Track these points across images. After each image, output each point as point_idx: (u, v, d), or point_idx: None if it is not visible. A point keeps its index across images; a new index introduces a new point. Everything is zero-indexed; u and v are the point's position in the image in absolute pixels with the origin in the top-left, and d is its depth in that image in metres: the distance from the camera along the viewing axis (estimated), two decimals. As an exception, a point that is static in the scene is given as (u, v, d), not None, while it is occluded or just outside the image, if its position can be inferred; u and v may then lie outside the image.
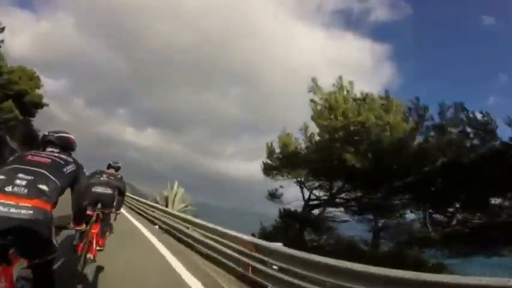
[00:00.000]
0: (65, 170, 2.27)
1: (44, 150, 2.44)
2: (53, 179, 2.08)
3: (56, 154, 2.38)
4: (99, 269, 4.56)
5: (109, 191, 5.14)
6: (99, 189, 5.05)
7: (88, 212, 4.63)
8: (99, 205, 4.99)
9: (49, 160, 2.23)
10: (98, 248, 4.86)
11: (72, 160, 2.44)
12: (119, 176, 5.61)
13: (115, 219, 5.65)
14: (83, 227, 3.12)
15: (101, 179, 5.25)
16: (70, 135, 2.69)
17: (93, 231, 4.65)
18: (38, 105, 34.92)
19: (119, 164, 5.86)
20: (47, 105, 36.54)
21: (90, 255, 4.50)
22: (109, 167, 5.72)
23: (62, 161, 2.32)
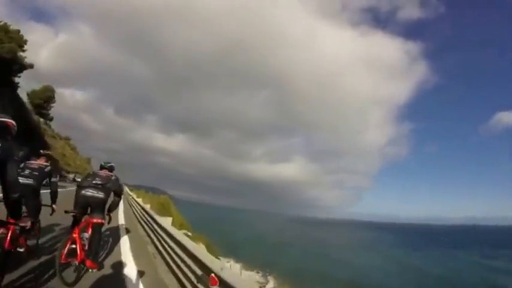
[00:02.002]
0: None
1: None
2: None
3: None
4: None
5: (100, 194, 4.85)
6: (89, 193, 4.79)
7: (72, 214, 4.75)
8: (88, 210, 4.88)
9: None
10: (88, 267, 4.61)
11: None
12: (113, 177, 5.30)
13: (109, 222, 5.35)
14: (26, 223, 2.78)
15: (93, 181, 4.94)
16: (6, 119, 2.49)
17: (74, 235, 4.34)
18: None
19: (112, 164, 5.56)
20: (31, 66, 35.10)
21: (75, 262, 4.30)
22: (101, 168, 5.42)
23: None
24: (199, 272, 3.85)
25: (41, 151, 5.48)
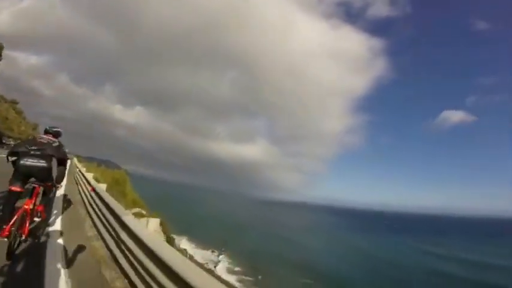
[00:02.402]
0: None
1: None
2: None
3: None
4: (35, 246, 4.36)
5: (42, 163, 4.28)
6: (28, 162, 4.19)
7: (13, 188, 4.08)
8: (32, 179, 4.41)
9: None
10: (36, 219, 4.51)
11: None
12: (55, 143, 4.64)
13: (54, 194, 5.15)
14: None
15: (31, 148, 4.31)
16: None
17: (26, 207, 4.03)
18: None
19: (58, 129, 4.93)
20: None
21: (21, 234, 4.00)
22: (46, 133, 4.84)
23: None
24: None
25: None
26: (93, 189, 7.51)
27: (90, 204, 7.45)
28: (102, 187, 8.13)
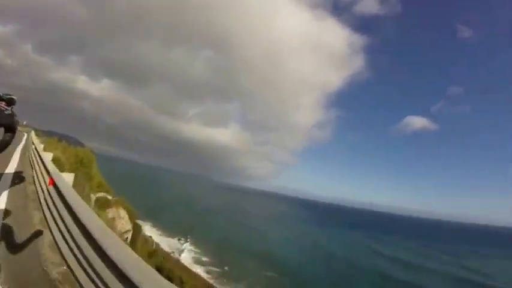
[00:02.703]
0: None
1: None
2: None
3: None
4: None
5: None
6: None
7: None
8: None
9: None
10: None
11: None
12: (7, 111, 4.28)
13: None
14: None
15: None
16: None
17: None
18: None
19: (13, 96, 4.47)
20: None
21: None
22: None
23: None
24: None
25: None
26: (52, 183, 4.64)
27: (49, 208, 4.54)
28: (67, 178, 5.18)
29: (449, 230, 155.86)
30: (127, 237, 16.62)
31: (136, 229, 19.91)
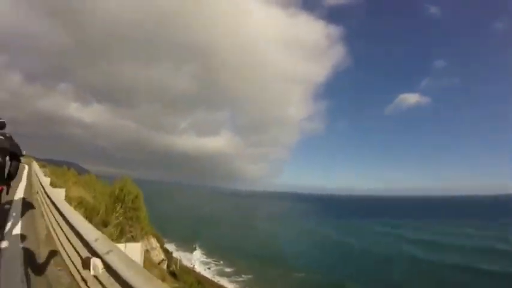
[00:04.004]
0: None
1: None
2: None
3: None
4: None
5: None
6: None
7: None
8: None
9: None
10: None
11: None
12: (7, 134, 4.03)
13: (7, 192, 4.00)
14: None
15: None
16: None
17: None
18: None
19: (2, 120, 4.12)
20: None
21: None
22: None
23: None
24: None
25: None
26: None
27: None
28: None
29: (461, 205, 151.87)
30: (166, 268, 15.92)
31: (169, 257, 19.52)
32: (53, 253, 4.33)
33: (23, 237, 4.96)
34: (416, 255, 37.82)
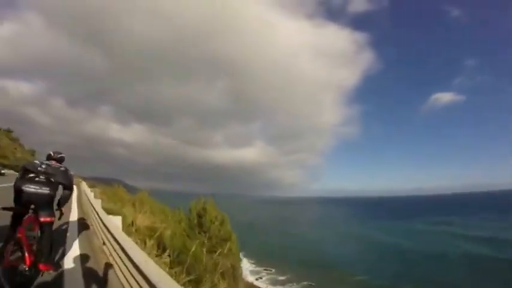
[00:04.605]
0: None
1: None
2: None
3: None
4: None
5: (45, 190, 3.99)
6: (31, 189, 3.90)
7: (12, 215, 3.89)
8: (32, 206, 4.03)
9: None
10: (42, 270, 3.84)
11: None
12: (62, 168, 4.40)
13: (59, 218, 4.50)
14: None
15: (36, 176, 4.03)
16: None
17: (19, 235, 3.61)
18: None
19: (63, 155, 4.67)
20: None
21: (23, 266, 3.46)
22: (49, 158, 4.52)
23: None
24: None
25: None
26: None
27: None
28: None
29: (503, 200, 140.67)
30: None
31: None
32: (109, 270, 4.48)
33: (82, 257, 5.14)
34: (478, 252, 35.87)
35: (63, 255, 5.21)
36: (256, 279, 29.30)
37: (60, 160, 4.56)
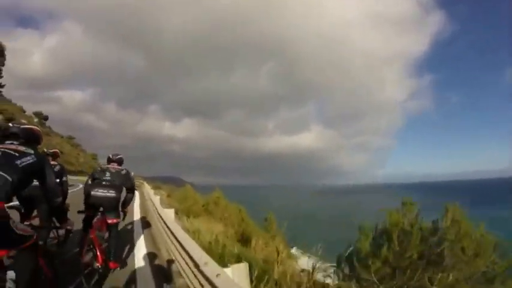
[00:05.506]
0: (18, 162, 2.06)
1: (2, 142, 2.24)
2: (1, 173, 1.92)
3: (11, 146, 2.18)
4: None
5: (112, 193, 4.49)
6: (99, 193, 4.44)
7: (84, 217, 4.55)
8: (101, 209, 4.57)
9: None
10: (112, 268, 4.37)
11: (32, 152, 2.21)
12: (123, 171, 4.83)
13: (124, 218, 5.01)
14: (72, 226, 3.63)
15: (102, 179, 4.60)
16: (33, 127, 2.52)
17: (91, 237, 4.04)
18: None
19: (121, 156, 5.00)
20: None
21: (97, 264, 3.97)
22: (109, 161, 4.93)
23: (16, 153, 2.11)
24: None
25: (45, 150, 5.29)
26: None
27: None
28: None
29: None
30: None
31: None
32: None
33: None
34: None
35: (130, 253, 5.67)
36: (324, 278, 25.29)
37: (119, 161, 5.00)
